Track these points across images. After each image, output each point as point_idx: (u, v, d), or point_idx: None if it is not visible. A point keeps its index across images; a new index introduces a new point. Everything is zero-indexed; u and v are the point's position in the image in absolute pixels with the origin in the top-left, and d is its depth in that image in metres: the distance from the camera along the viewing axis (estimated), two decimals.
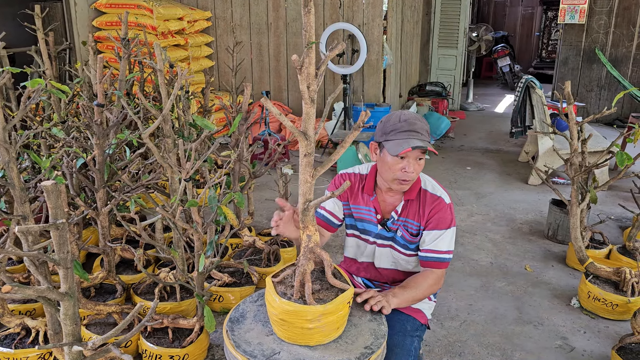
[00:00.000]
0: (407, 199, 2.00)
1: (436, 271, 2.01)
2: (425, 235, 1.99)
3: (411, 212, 2.01)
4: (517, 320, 2.94)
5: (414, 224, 2.01)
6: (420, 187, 2.01)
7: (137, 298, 2.83)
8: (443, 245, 1.98)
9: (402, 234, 2.03)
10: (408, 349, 1.96)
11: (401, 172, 1.89)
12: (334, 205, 2.17)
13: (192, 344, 2.46)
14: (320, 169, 1.58)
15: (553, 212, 3.91)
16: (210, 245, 2.43)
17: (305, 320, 1.51)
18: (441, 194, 1.99)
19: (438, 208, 1.97)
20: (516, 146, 6.70)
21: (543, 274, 3.46)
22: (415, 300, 1.99)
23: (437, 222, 1.96)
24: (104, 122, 2.80)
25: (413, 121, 1.88)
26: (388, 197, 2.05)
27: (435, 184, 2.03)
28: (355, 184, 2.12)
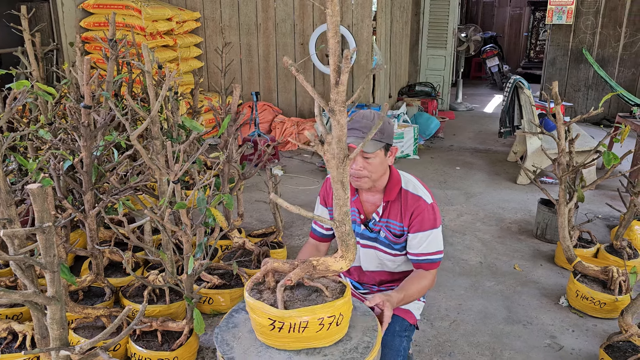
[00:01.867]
0: (387, 199, 1.99)
1: (430, 271, 2.01)
2: (412, 239, 1.99)
3: (392, 213, 2.00)
4: (507, 320, 2.95)
5: (397, 225, 2.00)
6: (400, 187, 2.00)
7: (126, 301, 2.81)
8: (432, 247, 1.98)
9: (385, 235, 2.03)
10: (397, 349, 1.96)
11: (351, 169, 1.89)
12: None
13: (182, 347, 2.45)
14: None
15: (541, 211, 3.94)
16: (200, 248, 2.42)
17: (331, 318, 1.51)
18: (422, 194, 1.98)
19: (420, 209, 1.96)
20: (505, 146, 6.74)
21: (532, 273, 3.48)
22: (412, 299, 1.98)
23: (420, 224, 1.96)
24: (91, 124, 2.78)
25: (358, 119, 1.88)
26: (370, 197, 2.05)
27: (417, 184, 2.03)
28: None
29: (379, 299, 1.81)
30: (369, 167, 1.89)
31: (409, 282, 1.99)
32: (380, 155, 1.88)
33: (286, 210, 4.40)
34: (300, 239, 3.94)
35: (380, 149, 1.87)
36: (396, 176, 2.01)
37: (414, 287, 1.97)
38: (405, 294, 1.93)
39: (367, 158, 1.87)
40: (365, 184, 1.93)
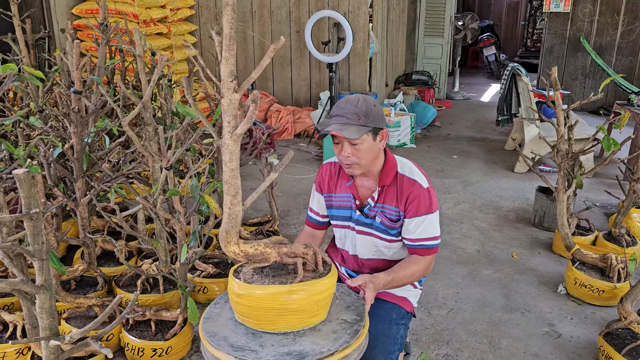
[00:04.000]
0: (383, 184, 1.94)
1: (425, 257, 1.97)
2: (408, 224, 1.94)
3: (388, 197, 1.95)
4: (505, 308, 2.93)
5: (393, 210, 1.96)
6: (396, 171, 1.95)
7: (119, 290, 2.77)
8: (428, 232, 1.94)
9: (380, 220, 1.99)
10: (394, 337, 1.93)
11: (340, 155, 1.86)
12: (319, 204, 2.14)
13: (176, 337, 2.41)
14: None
15: (539, 199, 3.91)
16: (194, 236, 2.38)
17: (326, 295, 1.49)
18: (418, 178, 1.93)
19: (416, 193, 1.91)
20: (502, 134, 6.70)
21: (530, 261, 3.46)
22: (402, 283, 1.95)
23: (416, 209, 1.91)
24: (82, 110, 2.72)
25: (342, 105, 1.83)
26: (365, 182, 2.00)
27: (413, 168, 1.98)
28: (335, 172, 2.08)
29: (361, 280, 1.76)
30: (357, 154, 1.84)
31: (400, 266, 1.94)
32: (368, 140, 1.83)
33: (282, 199, 4.36)
34: (296, 228, 3.90)
35: (367, 133, 1.81)
36: (392, 160, 1.97)
37: (404, 271, 1.92)
38: (394, 276, 1.88)
39: (354, 144, 1.82)
40: (356, 170, 1.89)
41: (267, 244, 1.52)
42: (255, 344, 1.46)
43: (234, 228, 1.44)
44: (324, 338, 1.49)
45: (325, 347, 1.44)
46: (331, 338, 1.48)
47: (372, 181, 1.98)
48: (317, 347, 1.44)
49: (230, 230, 1.44)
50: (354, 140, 1.81)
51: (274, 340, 1.47)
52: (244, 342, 1.46)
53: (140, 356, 2.38)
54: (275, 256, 1.54)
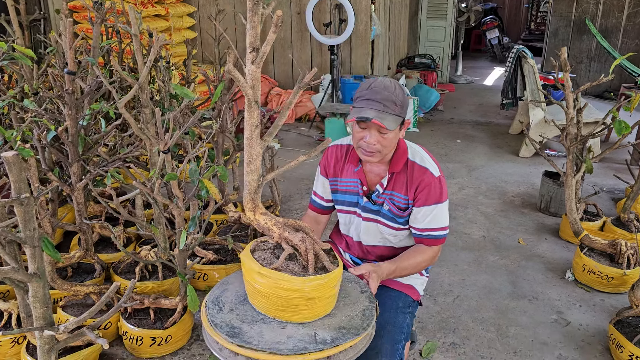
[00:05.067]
0: (393, 171, 1.87)
1: (432, 248, 1.91)
2: (416, 213, 1.87)
3: (398, 185, 1.88)
4: (512, 295, 2.86)
5: (402, 198, 1.88)
6: (407, 158, 1.87)
7: (117, 278, 2.70)
8: (437, 222, 1.87)
9: (388, 208, 1.91)
10: (400, 325, 1.87)
11: (362, 141, 1.77)
12: (323, 188, 2.06)
13: (175, 325, 2.35)
14: (268, 137, 1.45)
15: (546, 184, 3.83)
16: (193, 222, 2.30)
17: (332, 287, 1.44)
18: (429, 166, 1.86)
19: (426, 182, 1.83)
20: (506, 119, 6.61)
21: (536, 247, 3.39)
22: (406, 273, 1.89)
23: (425, 198, 1.84)
24: (76, 92, 2.64)
25: (379, 90, 1.72)
26: (374, 168, 1.92)
27: (424, 155, 1.90)
28: (341, 156, 2.00)
29: (365, 269, 1.72)
30: (383, 142, 1.76)
31: (405, 255, 1.89)
32: (395, 130, 1.76)
33: (284, 184, 4.29)
34: (298, 213, 3.83)
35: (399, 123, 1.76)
36: (403, 147, 1.89)
37: (409, 261, 1.87)
38: (398, 266, 1.83)
39: (383, 133, 1.74)
40: (375, 158, 1.81)
41: (277, 223, 1.48)
42: (258, 330, 1.42)
43: (249, 195, 1.46)
44: (330, 328, 1.43)
45: (329, 336, 1.39)
46: (337, 327, 1.43)
47: (382, 167, 1.90)
48: (324, 336, 1.39)
49: (245, 197, 1.47)
50: (387, 131, 1.73)
51: (282, 328, 1.43)
52: (247, 329, 1.43)
53: (139, 345, 2.32)
54: (276, 237, 1.50)
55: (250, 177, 1.44)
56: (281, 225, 1.48)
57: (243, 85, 1.33)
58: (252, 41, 1.29)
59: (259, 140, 1.41)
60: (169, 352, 2.38)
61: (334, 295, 1.47)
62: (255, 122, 1.38)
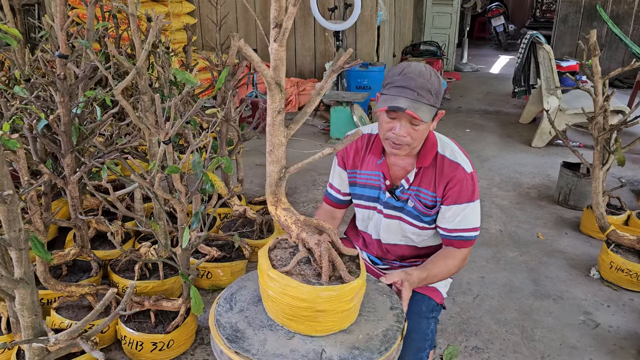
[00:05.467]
0: (421, 166, 1.69)
1: (461, 250, 1.73)
2: (445, 211, 1.70)
3: (425, 180, 1.71)
4: (535, 294, 2.69)
5: (429, 195, 1.71)
6: (436, 152, 1.70)
7: (115, 276, 2.53)
8: (468, 223, 1.70)
9: (413, 205, 1.74)
10: (424, 332, 1.71)
11: (391, 133, 1.59)
12: (340, 181, 1.89)
13: (178, 329, 2.18)
14: (294, 125, 1.27)
15: (565, 175, 3.65)
16: (196, 217, 2.13)
17: (346, 302, 1.25)
18: (461, 161, 1.68)
19: (458, 178, 1.66)
20: (516, 107, 6.41)
21: (557, 242, 3.22)
22: (437, 280, 1.73)
23: (457, 196, 1.67)
24: (70, 77, 2.45)
25: (412, 76, 1.53)
26: (399, 161, 1.74)
27: (455, 149, 1.72)
28: (362, 147, 1.82)
29: (397, 277, 1.55)
30: (414, 135, 1.58)
31: (434, 261, 1.72)
32: (428, 122, 1.58)
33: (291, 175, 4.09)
34: (305, 206, 3.65)
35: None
36: (432, 139, 1.71)
37: (439, 267, 1.70)
38: (429, 273, 1.67)
39: (415, 125, 1.56)
40: (404, 151, 1.63)
41: (297, 221, 1.31)
42: (262, 337, 1.28)
43: (270, 187, 1.32)
44: (342, 346, 1.26)
45: (337, 356, 1.23)
46: (349, 347, 1.26)
47: (408, 161, 1.72)
48: (332, 355, 1.23)
49: (267, 190, 1.33)
50: (419, 122, 1.55)
51: (288, 339, 1.27)
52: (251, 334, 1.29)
53: (139, 350, 2.15)
54: (294, 237, 1.34)
55: (272, 167, 1.28)
56: (301, 225, 1.31)
57: (258, 64, 1.15)
58: (276, 15, 1.11)
59: (282, 127, 1.23)
60: (171, 358, 2.21)
61: (350, 310, 1.29)
62: (277, 107, 1.21)
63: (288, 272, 1.29)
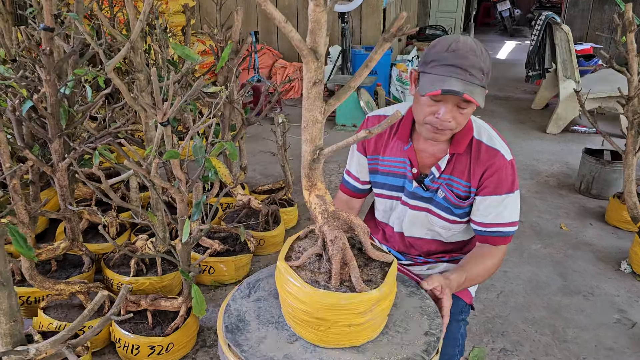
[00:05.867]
0: (454, 152, 1.49)
1: (499, 248, 1.53)
2: (480, 203, 1.50)
3: (458, 168, 1.50)
4: (563, 290, 2.50)
5: (463, 185, 1.51)
6: (472, 136, 1.49)
7: (109, 272, 2.32)
8: (506, 216, 1.49)
9: (444, 195, 1.53)
10: (454, 337, 1.52)
11: (433, 117, 1.37)
12: (359, 167, 1.68)
13: (178, 331, 1.98)
14: (334, 101, 1.06)
15: (587, 163, 3.44)
16: (197, 208, 1.92)
17: (355, 315, 1.03)
18: (500, 147, 1.47)
19: (496, 166, 1.45)
20: (526, 93, 6.20)
21: (582, 234, 3.02)
22: (475, 283, 1.53)
23: (495, 186, 1.46)
24: (59, 54, 2.23)
25: (464, 53, 1.31)
26: (429, 146, 1.53)
27: (492, 134, 1.51)
28: (386, 130, 1.61)
29: (437, 282, 1.33)
30: (460, 119, 1.37)
31: (471, 262, 1.50)
32: (473, 105, 1.37)
33: (294, 163, 3.90)
34: None
35: None
36: (468, 123, 1.50)
37: (477, 268, 1.49)
38: (467, 276, 1.45)
39: (462, 108, 1.35)
40: (445, 137, 1.42)
41: (325, 212, 1.11)
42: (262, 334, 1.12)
43: (303, 170, 1.14)
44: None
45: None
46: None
47: (440, 146, 1.51)
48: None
49: (302, 172, 1.16)
50: (468, 106, 1.34)
51: (289, 343, 1.10)
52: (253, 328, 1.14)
53: (135, 354, 1.95)
54: (317, 228, 1.14)
55: (305, 147, 1.09)
56: (328, 216, 1.10)
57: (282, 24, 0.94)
58: None
59: (320, 102, 1.02)
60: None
61: (362, 325, 1.07)
62: (313, 78, 1.00)
63: (299, 267, 1.10)
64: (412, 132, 1.56)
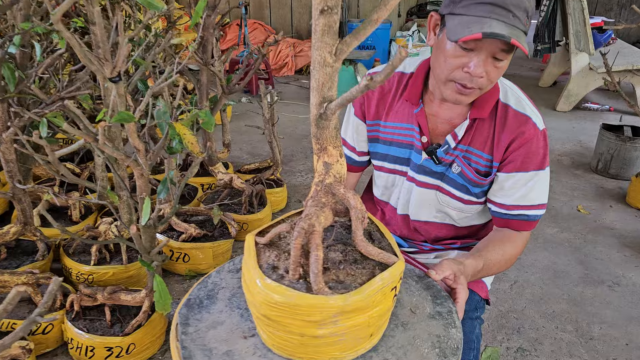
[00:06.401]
0: (476, 117, 1.19)
1: (523, 234, 1.24)
2: (503, 181, 1.21)
3: (479, 138, 1.21)
4: (585, 279, 2.21)
5: (483, 158, 1.22)
6: (497, 99, 1.19)
7: (68, 260, 2.03)
8: (534, 197, 1.21)
9: (460, 170, 1.24)
10: (469, 339, 1.27)
11: (462, 71, 1.08)
12: (356, 135, 1.38)
13: (141, 329, 1.69)
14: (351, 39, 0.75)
15: (605, 139, 3.14)
16: (163, 185, 1.62)
17: (307, 323, 0.75)
18: (531, 113, 1.18)
19: (527, 137, 1.17)
20: (532, 70, 5.88)
21: (602, 217, 2.73)
22: (493, 272, 1.23)
23: (523, 160, 1.18)
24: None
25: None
26: (444, 110, 1.24)
27: (521, 96, 1.22)
28: (390, 90, 1.30)
29: (449, 269, 1.04)
30: (493, 74, 1.09)
31: (489, 246, 1.21)
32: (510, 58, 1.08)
33: (285, 142, 3.60)
34: (302, 176, 3.14)
35: None
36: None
37: (496, 255, 1.19)
38: (485, 262, 1.16)
39: (498, 60, 1.06)
40: (469, 98, 1.14)
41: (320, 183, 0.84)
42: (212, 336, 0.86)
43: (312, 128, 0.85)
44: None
45: None
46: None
47: (457, 110, 1.22)
48: None
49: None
50: (506, 56, 1.06)
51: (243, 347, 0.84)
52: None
53: (90, 357, 1.66)
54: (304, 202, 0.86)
55: (312, 98, 0.80)
56: (320, 189, 0.81)
57: None
58: None
59: (331, 38, 0.72)
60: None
61: (321, 339, 0.77)
62: (321, 5, 0.70)
63: (267, 246, 0.85)
64: (424, 93, 1.26)
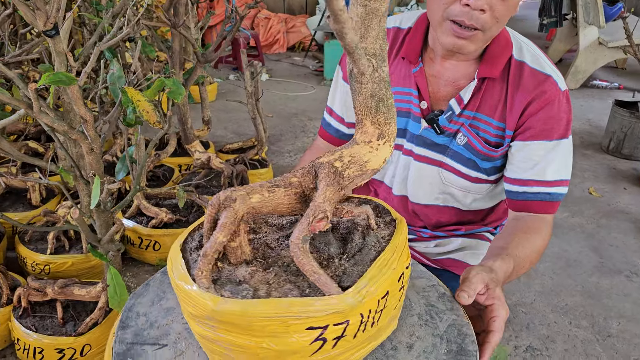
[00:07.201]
0: (484, 76, 0.97)
1: (546, 218, 0.99)
2: (518, 151, 0.99)
3: (489, 102, 0.99)
4: (600, 269, 2.00)
5: (494, 126, 1.00)
6: (510, 55, 0.97)
7: (22, 248, 1.81)
8: (556, 172, 0.98)
9: (466, 141, 1.02)
10: None
11: (459, 5, 0.88)
12: (344, 104, 1.16)
13: (97, 328, 1.47)
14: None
15: (618, 116, 2.91)
16: (122, 163, 1.40)
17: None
18: (551, 72, 0.96)
19: (547, 98, 0.95)
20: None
21: (615, 200, 2.51)
22: (522, 272, 0.97)
23: (543, 125, 0.96)
24: None
25: None
26: (446, 70, 1.02)
27: (539, 53, 0.99)
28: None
29: (481, 282, 0.74)
30: (499, 10, 0.89)
31: (516, 241, 0.92)
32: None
33: (273, 120, 3.36)
34: (291, 157, 2.92)
35: None
36: (504, 35, 0.99)
37: (526, 249, 0.91)
38: (516, 262, 0.88)
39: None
40: (474, 44, 0.93)
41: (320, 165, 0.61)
42: None
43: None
44: None
45: None
46: None
47: (464, 68, 1.01)
48: None
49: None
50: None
51: None
52: None
53: None
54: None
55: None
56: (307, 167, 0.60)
57: None
58: None
59: None
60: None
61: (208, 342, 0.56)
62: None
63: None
64: (423, 51, 1.04)
